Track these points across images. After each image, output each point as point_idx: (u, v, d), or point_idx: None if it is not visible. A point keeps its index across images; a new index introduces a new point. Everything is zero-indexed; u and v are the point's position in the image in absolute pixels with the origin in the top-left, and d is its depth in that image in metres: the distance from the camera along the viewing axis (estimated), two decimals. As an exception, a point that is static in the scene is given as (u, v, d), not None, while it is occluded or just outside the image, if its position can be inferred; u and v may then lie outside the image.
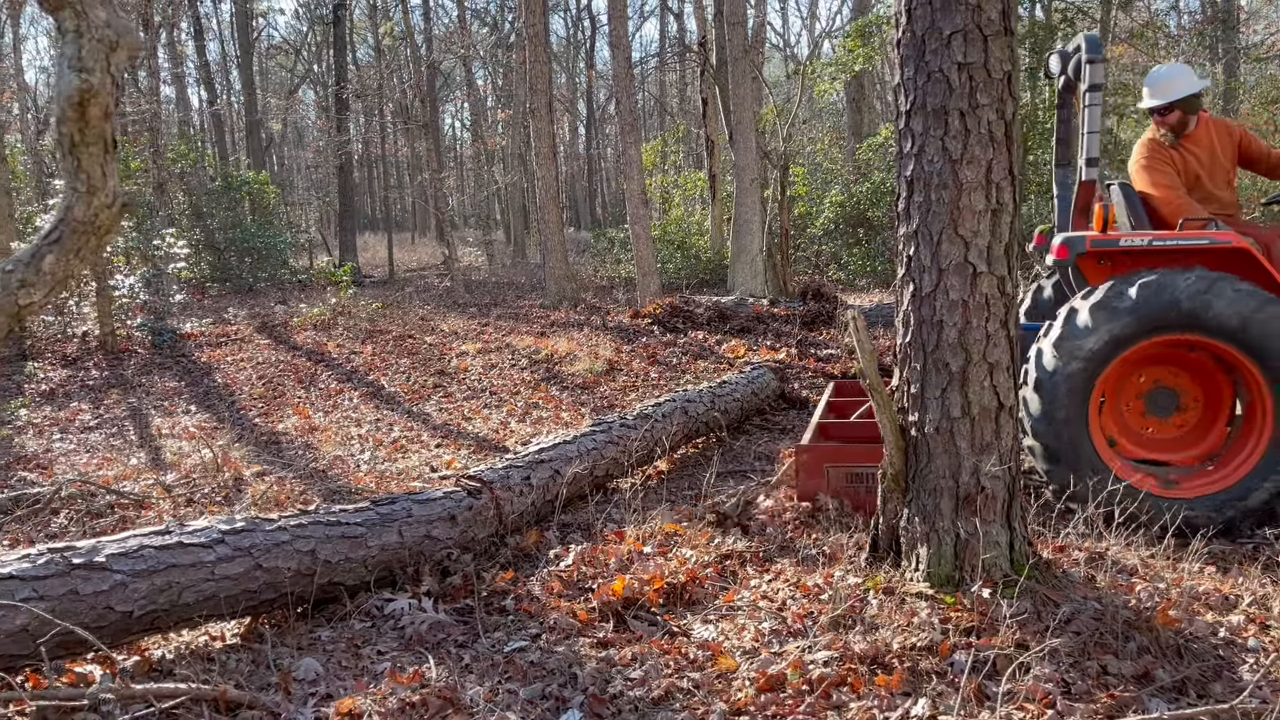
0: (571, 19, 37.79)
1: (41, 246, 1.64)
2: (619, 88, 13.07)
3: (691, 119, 25.49)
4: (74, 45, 1.52)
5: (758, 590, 4.12)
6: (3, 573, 3.27)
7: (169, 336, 13.16)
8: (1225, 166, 5.34)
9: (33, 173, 24.35)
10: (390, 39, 27.07)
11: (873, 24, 15.39)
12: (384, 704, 3.23)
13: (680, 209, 20.05)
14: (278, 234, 21.94)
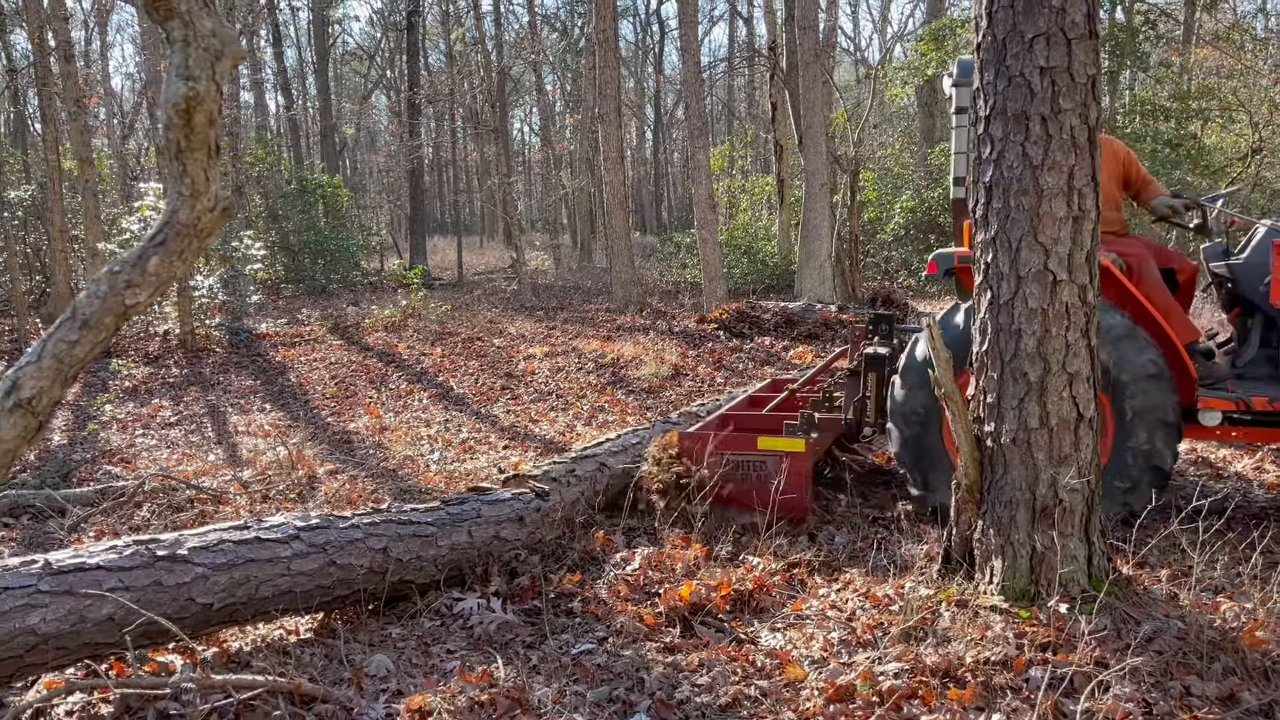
0: (640, 24, 37.94)
1: (147, 249, 1.69)
2: (688, 92, 13.08)
3: (760, 123, 25.40)
4: (181, 54, 1.57)
5: (826, 599, 4.08)
6: (91, 563, 3.37)
7: (245, 336, 13.49)
8: (1110, 189, 5.30)
9: (118, 175, 25.17)
10: (462, 45, 27.42)
11: (946, 27, 15.18)
12: (453, 702, 3.26)
13: (747, 214, 19.98)
14: (350, 236, 22.36)
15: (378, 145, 41.71)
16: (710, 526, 4.96)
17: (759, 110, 28.42)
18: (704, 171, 13.09)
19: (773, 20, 15.65)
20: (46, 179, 16.38)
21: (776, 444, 5.09)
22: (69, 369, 1.70)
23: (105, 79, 34.60)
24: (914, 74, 16.19)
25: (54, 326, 1.73)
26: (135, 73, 39.23)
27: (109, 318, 1.71)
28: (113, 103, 34.65)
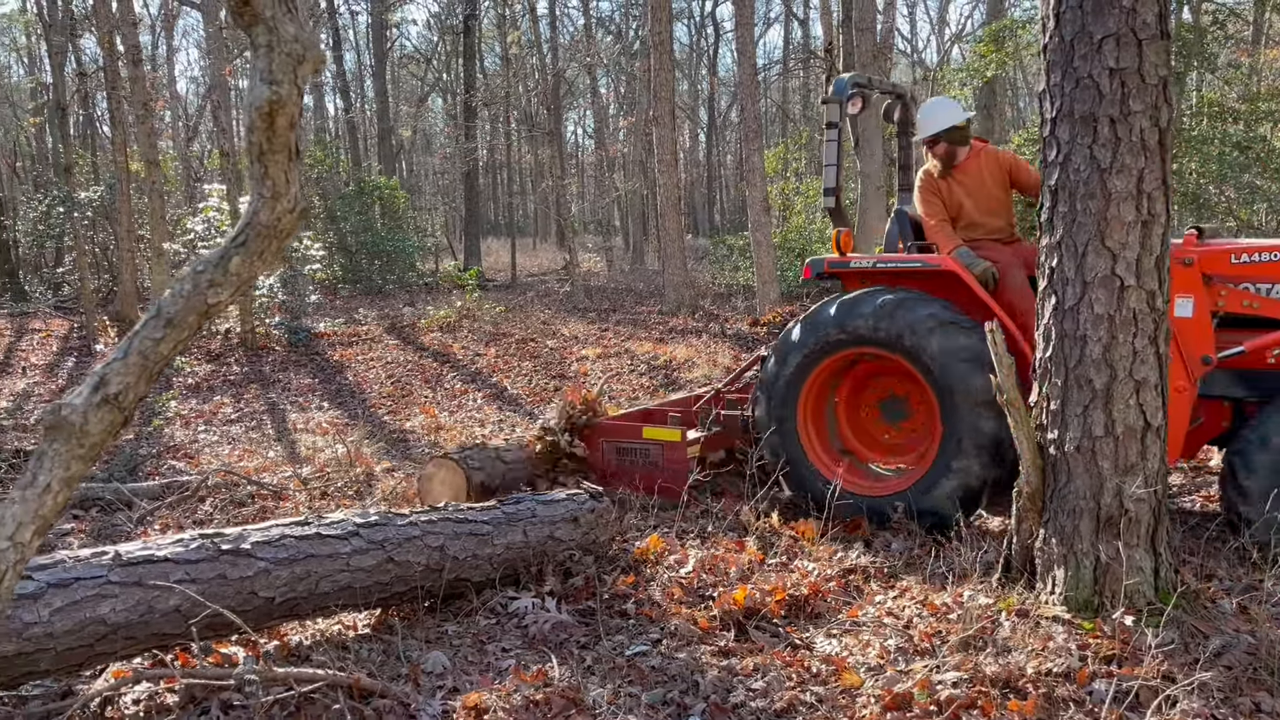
0: (695, 26, 37.88)
1: (229, 249, 1.73)
2: (743, 94, 13.05)
3: (815, 126, 25.24)
4: (265, 59, 1.61)
5: (883, 606, 4.04)
6: (159, 555, 3.45)
7: (304, 335, 13.72)
8: (994, 194, 5.56)
9: (182, 177, 25.75)
10: (517, 48, 27.64)
11: (1007, 28, 14.94)
12: (509, 700, 3.28)
13: (802, 216, 19.84)
14: (406, 238, 22.63)
15: (433, 147, 42.17)
16: (763, 532, 4.95)
17: (814, 112, 28.24)
18: (758, 174, 13.04)
19: (829, 22, 15.52)
20: (115, 180, 16.83)
21: (658, 433, 5.69)
22: (154, 365, 1.75)
23: (171, 83, 35.41)
24: (973, 75, 15.95)
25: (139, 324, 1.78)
26: (199, 77, 40.13)
27: (192, 316, 1.75)
28: (177, 106, 35.45)
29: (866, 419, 5.69)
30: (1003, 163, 5.62)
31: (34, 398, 11.68)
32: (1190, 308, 4.67)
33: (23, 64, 38.82)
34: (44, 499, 1.74)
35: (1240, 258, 4.70)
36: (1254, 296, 4.68)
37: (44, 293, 22.65)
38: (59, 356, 15.00)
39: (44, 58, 32.53)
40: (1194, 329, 4.65)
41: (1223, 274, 4.71)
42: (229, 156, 16.09)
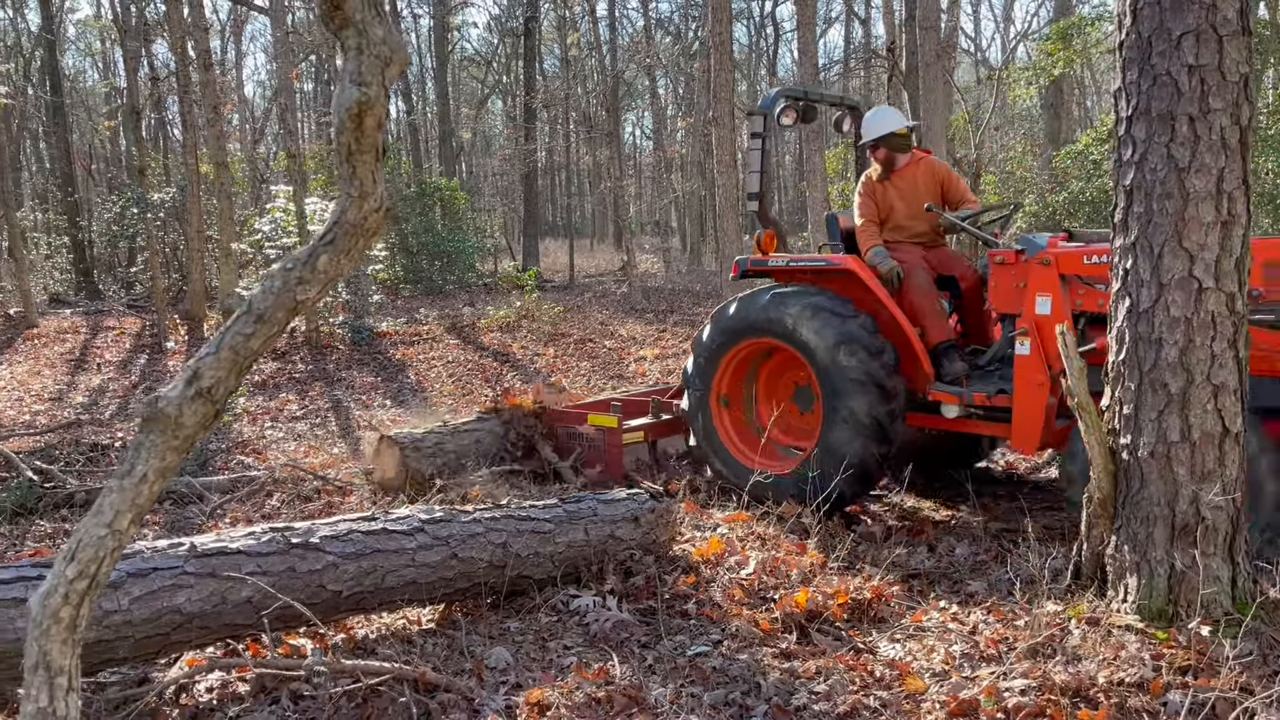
0: (755, 26, 37.71)
1: (317, 247, 1.77)
2: (804, 95, 12.97)
3: (875, 126, 24.99)
4: (354, 61, 1.64)
5: (947, 612, 3.99)
6: (231, 547, 3.53)
7: (367, 334, 13.93)
8: (926, 202, 5.82)
9: (249, 179, 26.31)
10: (577, 49, 27.79)
11: (1075, 26, 14.67)
12: (571, 697, 3.30)
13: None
14: (466, 239, 22.86)
15: (493, 149, 42.56)
16: (825, 535, 4.92)
17: (875, 113, 27.95)
18: (819, 174, 12.95)
19: (891, 21, 15.36)
20: (186, 182, 17.27)
21: (599, 420, 6.29)
22: (244, 360, 1.79)
23: (239, 86, 36.23)
24: (1039, 74, 15.68)
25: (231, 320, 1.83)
26: (266, 80, 40.98)
27: (281, 312, 1.79)
28: (245, 109, 36.25)
29: (783, 406, 6.03)
30: (938, 174, 6.00)
31: (108, 394, 12.02)
32: (1049, 306, 4.97)
33: (98, 69, 39.98)
34: (140, 488, 1.80)
35: (1092, 259, 4.91)
36: (1107, 296, 4.55)
37: (117, 291, 23.31)
38: (132, 354, 15.42)
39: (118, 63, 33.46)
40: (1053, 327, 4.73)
41: (1078, 274, 4.95)
42: (295, 158, 16.39)
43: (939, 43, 12.34)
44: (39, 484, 6.17)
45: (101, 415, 9.58)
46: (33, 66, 32.48)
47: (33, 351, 15.84)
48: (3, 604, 2.98)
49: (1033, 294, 5.03)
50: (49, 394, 12.27)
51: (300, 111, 30.68)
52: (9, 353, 15.87)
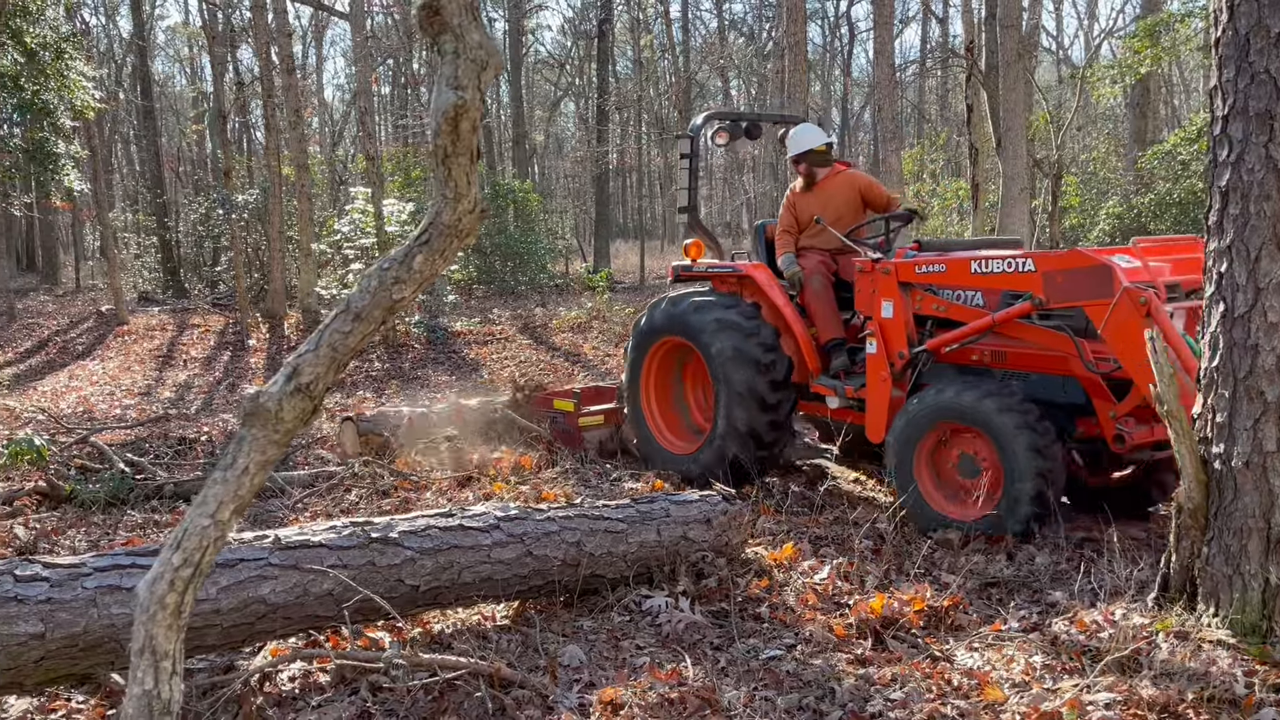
0: (829, 26, 37.40)
1: (413, 247, 1.81)
2: (880, 95, 12.81)
3: (953, 126, 24.60)
4: (451, 65, 1.67)
5: (1028, 621, 3.90)
6: (314, 541, 3.61)
7: (441, 334, 14.16)
8: (842, 211, 6.29)
9: (328, 181, 26.90)
10: (650, 51, 27.86)
11: (1163, 23, 14.26)
12: (644, 697, 3.31)
13: (939, 219, 19.36)
14: (538, 240, 23.07)
15: (565, 151, 42.89)
16: (899, 541, 4.85)
17: (951, 113, 27.53)
18: (895, 175, 12.77)
19: (971, 20, 15.11)
20: (268, 184, 17.73)
21: (562, 405, 7.33)
22: (342, 357, 1.84)
23: (319, 90, 37.08)
24: (1125, 73, 15.28)
25: (330, 318, 1.87)
26: (345, 84, 41.85)
27: (378, 311, 1.83)
28: (324, 112, 37.09)
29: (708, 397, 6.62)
30: (857, 184, 6.46)
31: (194, 389, 12.40)
32: (891, 310, 5.59)
33: (185, 74, 41.27)
34: (242, 480, 1.86)
35: (922, 268, 5.50)
36: (940, 300, 5.48)
37: (202, 290, 24.01)
38: (216, 350, 15.88)
39: (206, 68, 34.48)
40: (894, 328, 5.59)
41: (912, 281, 5.55)
42: (373, 160, 16.71)
43: (1020, 41, 12.10)
44: (130, 476, 6.39)
45: (187, 410, 9.89)
46: (124, 72, 33.65)
47: (123, 348, 16.41)
48: (100, 591, 3.09)
49: (879, 299, 5.64)
50: (138, 389, 12.70)
51: (378, 115, 31.25)
52: (101, 349, 16.47)
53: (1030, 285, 5.03)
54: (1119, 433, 4.85)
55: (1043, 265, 4.98)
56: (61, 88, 13.40)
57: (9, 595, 2.93)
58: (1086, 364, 4.88)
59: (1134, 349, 4.40)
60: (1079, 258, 4.95)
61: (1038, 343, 5.13)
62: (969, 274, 5.35)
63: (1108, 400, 4.93)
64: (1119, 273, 4.66)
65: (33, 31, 12.76)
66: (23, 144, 14.90)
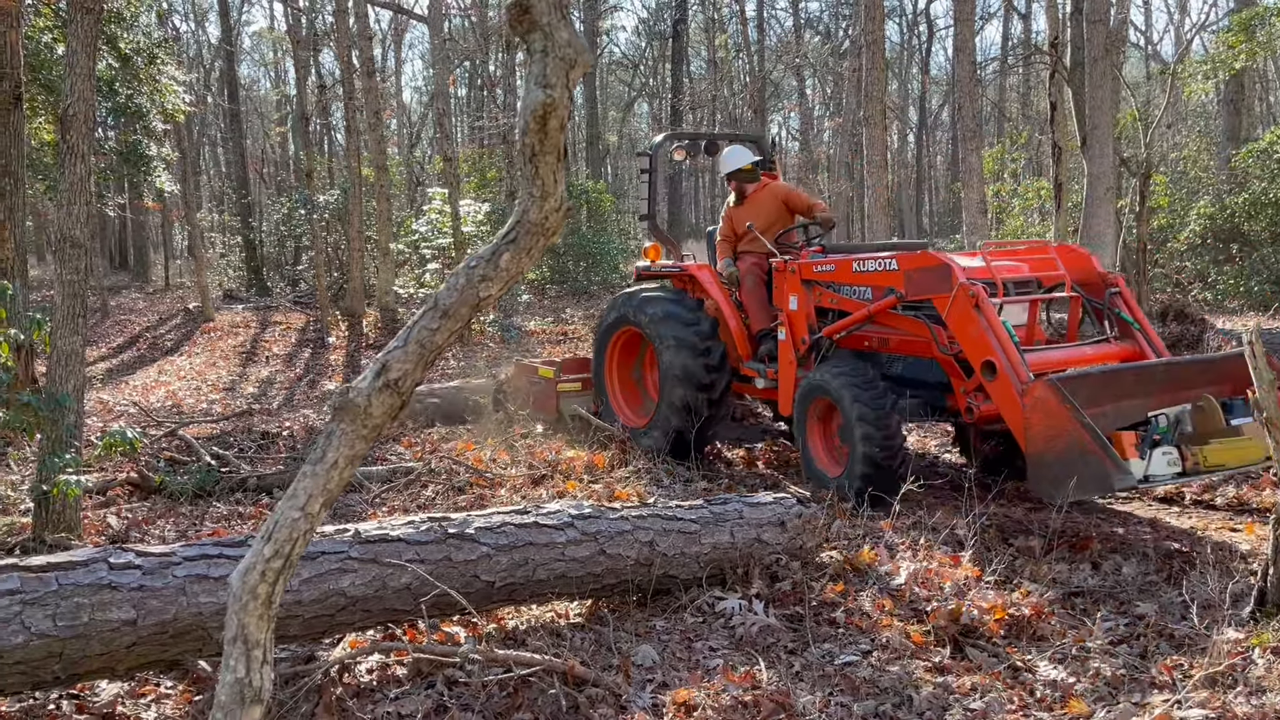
0: (907, 24, 36.85)
1: (500, 245, 1.83)
2: (960, 93, 12.57)
3: (1035, 125, 24.04)
4: (540, 64, 1.68)
5: (1114, 633, 3.79)
6: (393, 535, 3.66)
7: (515, 333, 14.29)
8: (770, 219, 7.13)
9: (406, 181, 27.36)
10: (725, 51, 27.76)
11: (1259, 17, 13.73)
12: (717, 699, 3.29)
13: (1020, 219, 18.93)
14: (610, 240, 23.16)
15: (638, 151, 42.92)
16: (984, 546, 4.74)
17: (1033, 111, 26.91)
18: (975, 175, 12.53)
19: (1055, 15, 14.72)
20: (349, 184, 18.09)
21: (544, 372, 8.28)
22: (429, 354, 1.86)
23: (398, 92, 37.70)
24: (1218, 68, 14.75)
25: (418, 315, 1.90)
26: (423, 86, 42.51)
27: (464, 308, 1.85)
28: (402, 114, 37.72)
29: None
30: (779, 194, 7.30)
31: (275, 385, 12.71)
32: (795, 303, 6.49)
33: (270, 78, 42.36)
34: (331, 474, 1.90)
35: (819, 267, 6.41)
36: (834, 295, 6.34)
37: (284, 288, 24.62)
38: (297, 348, 16.27)
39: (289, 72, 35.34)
40: (798, 318, 6.48)
41: (811, 279, 6.46)
42: (450, 161, 16.95)
43: (1107, 36, 11.76)
44: (216, 468, 6.57)
45: (269, 405, 10.14)
46: (212, 77, 34.68)
47: (209, 344, 16.90)
48: (188, 579, 3.17)
49: (787, 294, 6.57)
50: (223, 384, 13.07)
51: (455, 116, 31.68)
52: (188, 345, 16.99)
53: (895, 281, 5.84)
54: (969, 405, 5.59)
55: (903, 264, 5.80)
56: (154, 92, 13.83)
57: (103, 582, 3.03)
58: (941, 347, 5.66)
59: (968, 333, 5.32)
60: (928, 258, 5.69)
61: (907, 330, 5.94)
62: (852, 272, 6.19)
63: (960, 378, 5.66)
64: (957, 270, 5.42)
65: (127, 37, 13.19)
66: (117, 146, 15.43)
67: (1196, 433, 4.74)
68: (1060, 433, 4.59)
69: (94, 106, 4.99)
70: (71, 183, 4.85)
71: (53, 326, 4.82)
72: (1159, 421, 4.77)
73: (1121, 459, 4.48)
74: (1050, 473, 4.64)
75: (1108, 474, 4.42)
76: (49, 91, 11.85)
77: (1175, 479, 4.72)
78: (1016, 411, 4.94)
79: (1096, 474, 4.45)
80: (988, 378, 5.18)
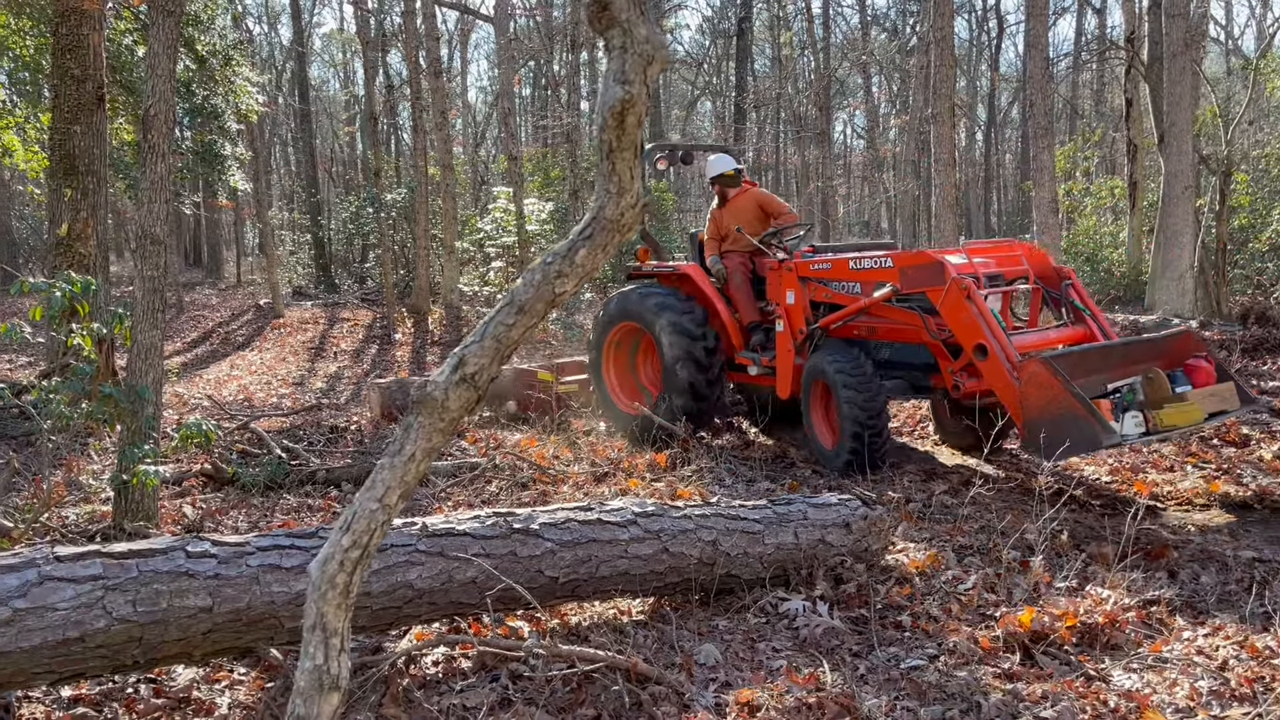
0: (976, 20, 36.21)
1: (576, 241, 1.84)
2: (1033, 89, 12.32)
3: (1109, 121, 23.47)
4: (619, 60, 1.69)
5: (1191, 644, 3.68)
6: (459, 529, 3.70)
7: (577, 331, 14.36)
8: (750, 222, 7.81)
9: (470, 180, 27.65)
10: (789, 48, 27.57)
11: (1348, 7, 13.22)
12: (781, 700, 3.27)
13: (1092, 219, 18.49)
14: (672, 239, 23.13)
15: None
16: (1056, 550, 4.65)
17: (1108, 108, 26.28)
18: (1047, 173, 12.27)
19: (1132, 9, 14.37)
20: (415, 184, 18.34)
21: (544, 376, 8.68)
22: (505, 349, 1.88)
23: (463, 92, 38.12)
24: (1302, 62, 14.26)
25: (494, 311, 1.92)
26: (487, 86, 42.92)
27: (540, 304, 1.87)
28: (468, 114, 38.13)
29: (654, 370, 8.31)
30: (758, 200, 7.96)
31: (343, 380, 12.94)
32: (793, 297, 7.19)
33: (339, 78, 43.12)
34: (408, 466, 1.93)
35: (815, 266, 7.11)
36: (828, 290, 7.02)
37: (351, 285, 25.05)
38: (364, 344, 16.54)
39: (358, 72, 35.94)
40: (795, 311, 7.18)
41: (807, 276, 7.14)
42: (515, 160, 17.08)
43: (1187, 30, 11.43)
44: (286, 461, 6.70)
45: (337, 400, 10.32)
46: (284, 77, 35.41)
47: (279, 339, 17.26)
48: (262, 569, 3.24)
49: (784, 289, 7.24)
50: (292, 379, 13.34)
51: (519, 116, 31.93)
52: (259, 340, 17.38)
53: (890, 277, 6.50)
54: (955, 383, 6.35)
55: (899, 262, 6.49)
56: (229, 93, 14.18)
57: (181, 570, 3.11)
58: (931, 334, 6.38)
59: (960, 320, 6.01)
60: (923, 256, 6.43)
61: (899, 319, 6.66)
62: (849, 270, 6.85)
63: (947, 360, 6.42)
64: (949, 267, 6.11)
65: (204, 40, 13.53)
66: (193, 146, 15.84)
67: (1148, 400, 5.59)
68: (1053, 401, 5.30)
69: (174, 107, 5.12)
70: (152, 181, 4.98)
71: (133, 321, 4.96)
72: (1126, 391, 5.61)
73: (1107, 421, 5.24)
74: (1045, 436, 5.24)
75: (1096, 435, 5.14)
76: (129, 92, 12.21)
77: (1141, 438, 5.44)
78: (1008, 385, 5.70)
79: (1087, 435, 5.17)
80: (979, 358, 5.91)
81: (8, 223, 26.23)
